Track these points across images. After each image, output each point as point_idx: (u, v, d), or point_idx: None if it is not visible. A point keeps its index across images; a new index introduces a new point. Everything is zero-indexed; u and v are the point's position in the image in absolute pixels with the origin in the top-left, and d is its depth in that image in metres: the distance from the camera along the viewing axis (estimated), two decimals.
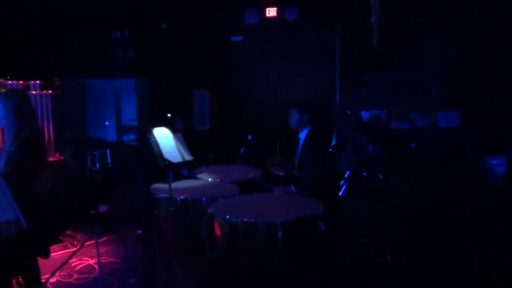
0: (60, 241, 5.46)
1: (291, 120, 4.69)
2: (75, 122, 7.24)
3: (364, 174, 6.14)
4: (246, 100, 8.28)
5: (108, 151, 7.18)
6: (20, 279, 3.38)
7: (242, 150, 6.27)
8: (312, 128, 4.63)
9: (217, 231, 3.44)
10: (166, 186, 3.90)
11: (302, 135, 4.64)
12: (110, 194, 6.40)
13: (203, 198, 3.90)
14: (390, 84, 7.35)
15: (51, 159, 5.70)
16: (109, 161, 7.15)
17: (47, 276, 4.39)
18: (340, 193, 5.78)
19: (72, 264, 4.87)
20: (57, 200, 5.49)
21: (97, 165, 6.82)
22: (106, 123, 7.68)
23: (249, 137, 6.09)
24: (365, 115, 7.29)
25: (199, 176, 4.86)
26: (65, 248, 5.37)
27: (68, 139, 6.67)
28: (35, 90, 6.02)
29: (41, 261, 3.71)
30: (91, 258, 5.00)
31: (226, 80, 8.46)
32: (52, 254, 4.79)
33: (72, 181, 6.23)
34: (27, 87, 6.02)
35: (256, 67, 8.05)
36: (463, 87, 6.95)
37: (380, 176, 6.03)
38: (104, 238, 5.61)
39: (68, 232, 5.66)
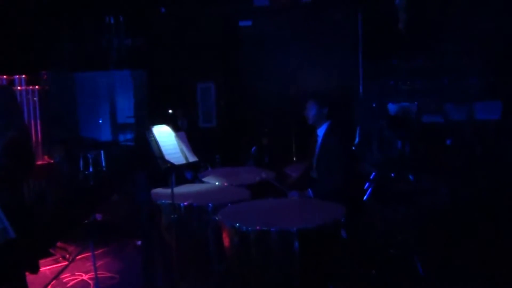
0: (50, 254, 5.53)
1: (308, 114, 4.70)
2: (65, 120, 7.32)
3: (392, 175, 6.12)
4: (257, 93, 8.30)
5: (102, 152, 7.24)
6: None
7: (253, 149, 6.31)
8: (332, 122, 4.63)
9: (225, 241, 3.46)
10: (168, 191, 3.94)
11: (321, 131, 4.65)
12: (105, 201, 6.46)
13: (210, 204, 3.92)
14: (420, 72, 7.31)
15: (39, 162, 5.77)
16: (103, 163, 7.21)
17: None
18: (364, 197, 5.78)
19: (64, 280, 4.93)
20: (46, 207, 5.56)
21: (90, 168, 6.88)
22: (100, 121, 7.75)
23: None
24: (392, 107, 7.27)
25: (204, 179, 4.89)
26: (56, 262, 5.44)
27: (58, 139, 6.74)
28: (20, 85, 6.10)
29: (29, 277, 3.76)
30: (85, 272, 5.07)
31: (234, 70, 8.49)
32: (41, 269, 4.86)
33: (63, 187, 6.30)
34: (12, 82, 6.10)
35: (267, 55, 8.06)
36: (504, 74, 6.90)
37: (411, 177, 6.01)
38: (99, 250, 5.67)
39: (59, 244, 5.74)
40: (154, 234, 4.41)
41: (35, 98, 6.08)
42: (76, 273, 5.06)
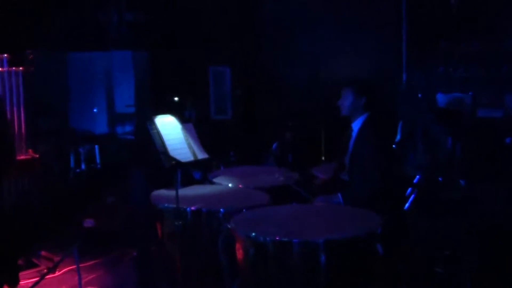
0: (33, 265, 5.57)
1: (343, 104, 4.68)
2: (54, 108, 7.37)
3: (440, 179, 6.08)
4: (279, 80, 8.27)
5: (96, 146, 7.29)
6: None
7: (274, 146, 6.31)
8: (369, 115, 4.61)
9: (239, 253, 3.46)
10: (172, 193, 3.94)
11: (356, 125, 4.63)
12: (98, 203, 6.50)
13: (221, 210, 3.94)
14: (476, 58, 7.24)
15: (21, 156, 5.81)
16: (98, 159, 7.26)
17: None
18: (406, 205, 5.74)
19: None
20: (30, 209, 5.61)
21: (83, 165, 6.92)
22: (95, 110, 7.80)
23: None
24: (442, 99, 7.21)
25: (216, 180, 4.89)
26: (40, 274, 5.47)
27: (45, 130, 6.79)
28: (2, 66, 6.15)
29: None
30: None
31: (253, 52, 8.48)
32: (22, 282, 4.89)
33: (50, 186, 6.35)
34: None
35: (293, 35, 8.04)
36: None
37: (462, 182, 5.95)
38: (91, 262, 5.69)
39: (44, 253, 5.77)
40: (154, 244, 4.42)
41: (19, 82, 6.12)
42: None
